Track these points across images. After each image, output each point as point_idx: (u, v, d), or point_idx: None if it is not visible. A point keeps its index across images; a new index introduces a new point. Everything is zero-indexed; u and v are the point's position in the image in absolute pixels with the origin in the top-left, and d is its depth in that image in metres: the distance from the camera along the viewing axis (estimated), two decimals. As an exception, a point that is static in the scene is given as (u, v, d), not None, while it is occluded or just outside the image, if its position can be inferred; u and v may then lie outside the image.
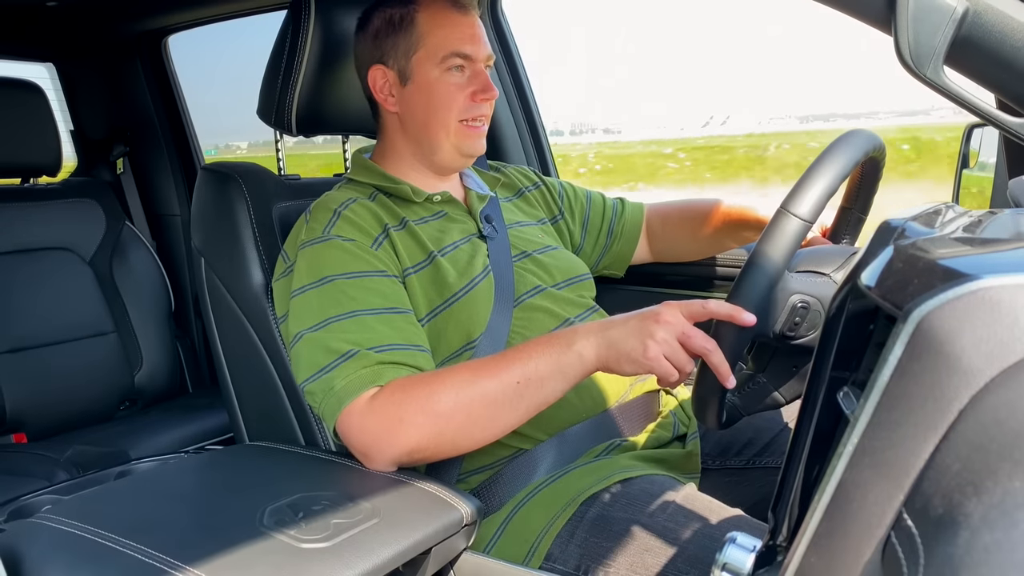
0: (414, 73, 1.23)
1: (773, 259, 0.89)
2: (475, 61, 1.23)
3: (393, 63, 1.24)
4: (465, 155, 1.27)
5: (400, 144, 1.28)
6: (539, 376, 0.99)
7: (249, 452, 1.21)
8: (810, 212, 0.88)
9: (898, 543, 0.44)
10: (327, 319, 1.07)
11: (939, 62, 0.75)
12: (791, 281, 0.94)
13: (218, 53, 2.25)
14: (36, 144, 2.14)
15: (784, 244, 0.88)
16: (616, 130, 10.34)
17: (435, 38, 1.21)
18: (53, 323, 2.09)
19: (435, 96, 1.22)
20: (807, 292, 0.94)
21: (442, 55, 1.21)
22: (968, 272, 0.45)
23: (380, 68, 1.25)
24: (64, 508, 0.96)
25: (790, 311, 0.94)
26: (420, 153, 1.27)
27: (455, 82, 1.22)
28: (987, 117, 0.80)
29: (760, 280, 0.90)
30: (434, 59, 1.21)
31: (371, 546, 0.86)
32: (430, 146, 1.25)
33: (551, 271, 1.30)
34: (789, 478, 0.67)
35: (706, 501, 1.05)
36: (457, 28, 1.22)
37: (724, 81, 17.82)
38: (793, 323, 0.94)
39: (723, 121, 10.25)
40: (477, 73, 1.23)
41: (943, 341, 0.44)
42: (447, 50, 1.21)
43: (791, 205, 0.89)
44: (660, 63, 21.69)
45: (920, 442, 0.44)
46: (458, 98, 1.22)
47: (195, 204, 1.35)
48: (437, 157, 1.26)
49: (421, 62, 1.22)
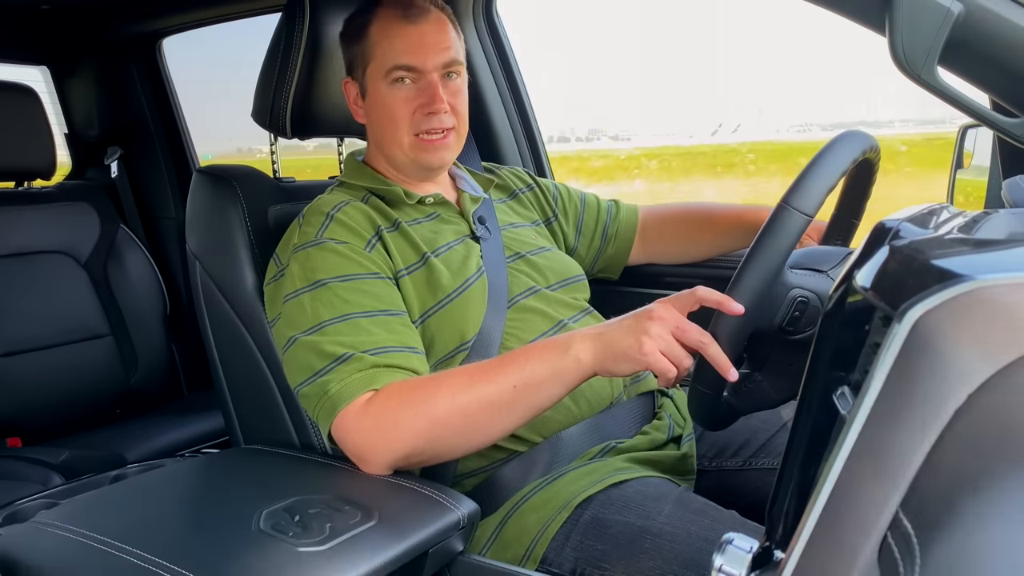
0: (368, 87, 1.23)
1: (773, 252, 0.89)
2: (423, 72, 1.19)
3: (356, 75, 1.25)
4: (424, 168, 1.25)
5: (376, 152, 1.29)
6: (536, 381, 0.99)
7: (245, 455, 1.21)
8: (810, 206, 0.89)
9: (894, 543, 0.44)
10: (321, 322, 1.07)
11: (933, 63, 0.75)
12: (791, 276, 0.95)
13: (213, 56, 2.24)
14: (30, 147, 2.14)
15: (784, 237, 0.89)
16: (626, 137, 10.27)
17: (381, 50, 1.20)
18: (48, 326, 2.08)
19: (384, 111, 1.21)
20: (806, 287, 0.95)
21: (386, 68, 1.19)
22: (963, 272, 0.46)
23: (348, 80, 1.26)
24: (59, 512, 0.96)
25: (789, 305, 0.94)
26: (390, 162, 1.27)
27: (401, 96, 1.20)
28: (981, 117, 0.80)
29: (760, 272, 0.90)
30: (380, 73, 1.20)
31: (367, 549, 0.86)
32: (392, 159, 1.26)
33: (545, 272, 1.29)
34: (785, 479, 0.67)
35: (702, 503, 1.05)
36: (401, 39, 1.19)
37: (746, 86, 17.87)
38: (792, 317, 0.95)
39: (734, 129, 10.22)
40: (426, 86, 1.20)
41: (938, 341, 0.44)
42: (390, 63, 1.19)
43: (791, 199, 0.89)
44: (674, 66, 21.71)
45: (916, 442, 0.44)
46: (404, 113, 1.20)
47: (190, 207, 1.35)
48: (401, 171, 1.27)
49: (372, 76, 1.21)
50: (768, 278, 0.90)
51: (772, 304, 0.94)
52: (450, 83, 1.22)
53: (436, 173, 1.29)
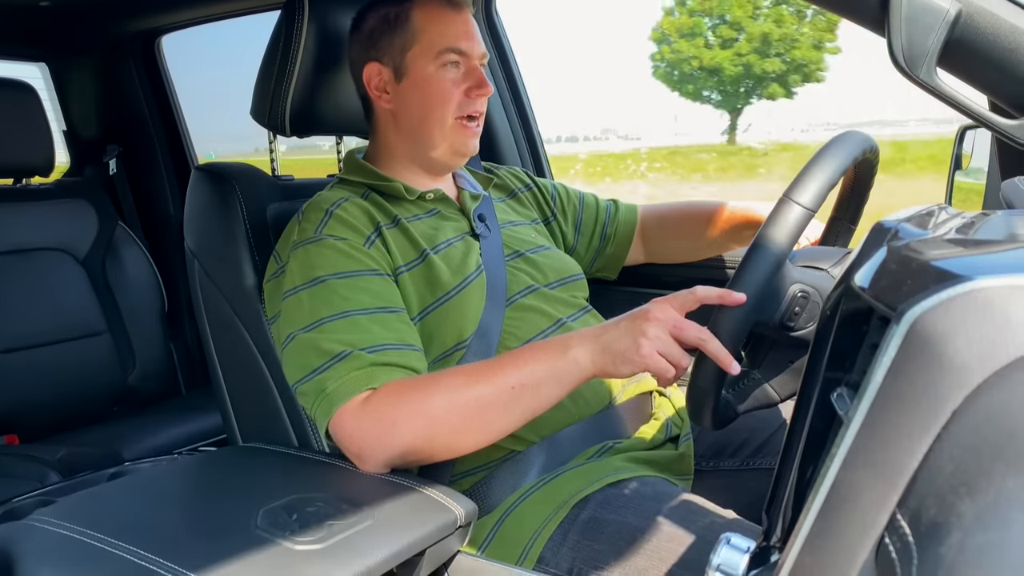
0: (409, 69, 1.23)
1: (776, 244, 0.90)
2: (470, 58, 1.23)
3: (388, 60, 1.24)
4: (459, 154, 1.26)
5: (394, 142, 1.28)
6: (535, 381, 0.99)
7: (242, 453, 1.21)
8: (812, 201, 0.90)
9: (892, 544, 0.44)
10: (319, 320, 1.07)
11: (932, 64, 0.75)
12: (792, 271, 0.95)
13: (231, 53, 2.24)
14: (29, 144, 2.13)
15: (787, 230, 0.89)
16: (636, 136, 10.28)
17: (430, 34, 1.22)
18: (46, 323, 2.08)
19: (431, 92, 1.22)
20: (807, 282, 0.95)
21: (437, 51, 1.21)
22: (961, 273, 0.46)
23: (375, 65, 1.25)
24: (56, 510, 0.95)
25: (790, 300, 0.94)
26: (414, 151, 1.27)
27: (450, 78, 1.22)
28: (980, 119, 0.81)
29: (763, 264, 0.90)
30: (429, 55, 1.22)
31: (365, 547, 0.86)
32: (425, 143, 1.25)
33: (544, 271, 1.30)
34: (783, 479, 0.67)
35: (699, 502, 1.05)
36: (452, 24, 1.23)
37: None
38: (793, 312, 0.95)
39: (745, 128, 10.27)
40: (472, 69, 1.23)
41: (936, 342, 0.44)
42: (442, 46, 1.21)
43: (794, 194, 0.90)
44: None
45: (914, 443, 0.44)
46: (454, 94, 1.22)
47: (188, 204, 1.35)
48: (432, 154, 1.26)
49: (416, 58, 1.22)
50: (770, 270, 0.91)
51: (773, 298, 0.94)
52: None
53: (462, 161, 1.30)
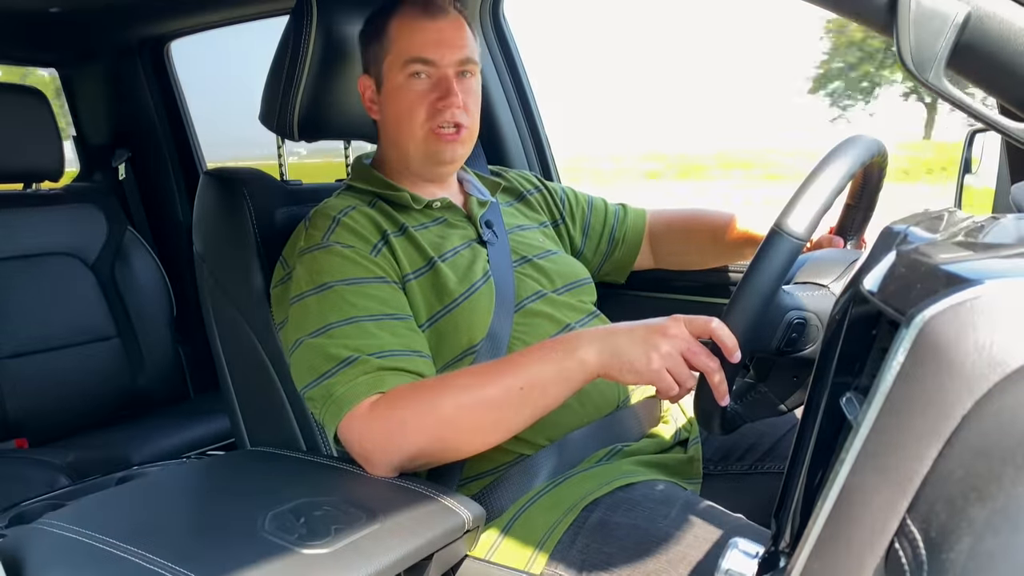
0: (384, 79, 1.23)
1: (765, 280, 0.89)
2: (438, 67, 1.20)
3: (373, 71, 1.25)
4: (438, 162, 1.25)
5: (388, 151, 1.29)
6: (541, 382, 0.99)
7: (250, 457, 1.21)
8: (804, 230, 0.88)
9: (901, 549, 0.44)
10: (327, 325, 1.07)
11: (941, 67, 0.75)
12: (787, 298, 0.94)
13: (249, 58, 2.25)
14: (38, 149, 2.15)
15: (776, 264, 0.88)
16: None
17: (399, 44, 1.21)
18: (55, 328, 2.09)
19: (399, 103, 1.22)
20: (804, 308, 0.94)
21: (403, 60, 1.20)
22: (971, 277, 0.45)
23: (364, 76, 1.27)
24: (65, 514, 0.96)
25: (786, 328, 0.94)
26: (401, 160, 1.27)
27: (417, 89, 1.20)
28: (989, 122, 0.80)
29: (753, 302, 0.89)
30: (397, 65, 1.21)
31: (373, 552, 0.86)
32: (404, 153, 1.25)
33: (551, 276, 1.29)
34: (792, 483, 0.67)
35: (708, 506, 1.04)
36: (421, 33, 1.21)
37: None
38: (790, 339, 0.94)
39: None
40: (441, 79, 1.20)
41: (946, 346, 0.44)
42: (408, 55, 1.20)
43: (784, 224, 0.88)
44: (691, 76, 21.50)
45: (923, 447, 0.44)
46: (420, 105, 1.20)
47: (197, 209, 1.35)
48: (412, 165, 1.26)
49: (389, 68, 1.22)
50: (762, 306, 0.90)
51: (767, 328, 0.93)
52: (464, 81, 1.23)
53: (446, 170, 1.29)
